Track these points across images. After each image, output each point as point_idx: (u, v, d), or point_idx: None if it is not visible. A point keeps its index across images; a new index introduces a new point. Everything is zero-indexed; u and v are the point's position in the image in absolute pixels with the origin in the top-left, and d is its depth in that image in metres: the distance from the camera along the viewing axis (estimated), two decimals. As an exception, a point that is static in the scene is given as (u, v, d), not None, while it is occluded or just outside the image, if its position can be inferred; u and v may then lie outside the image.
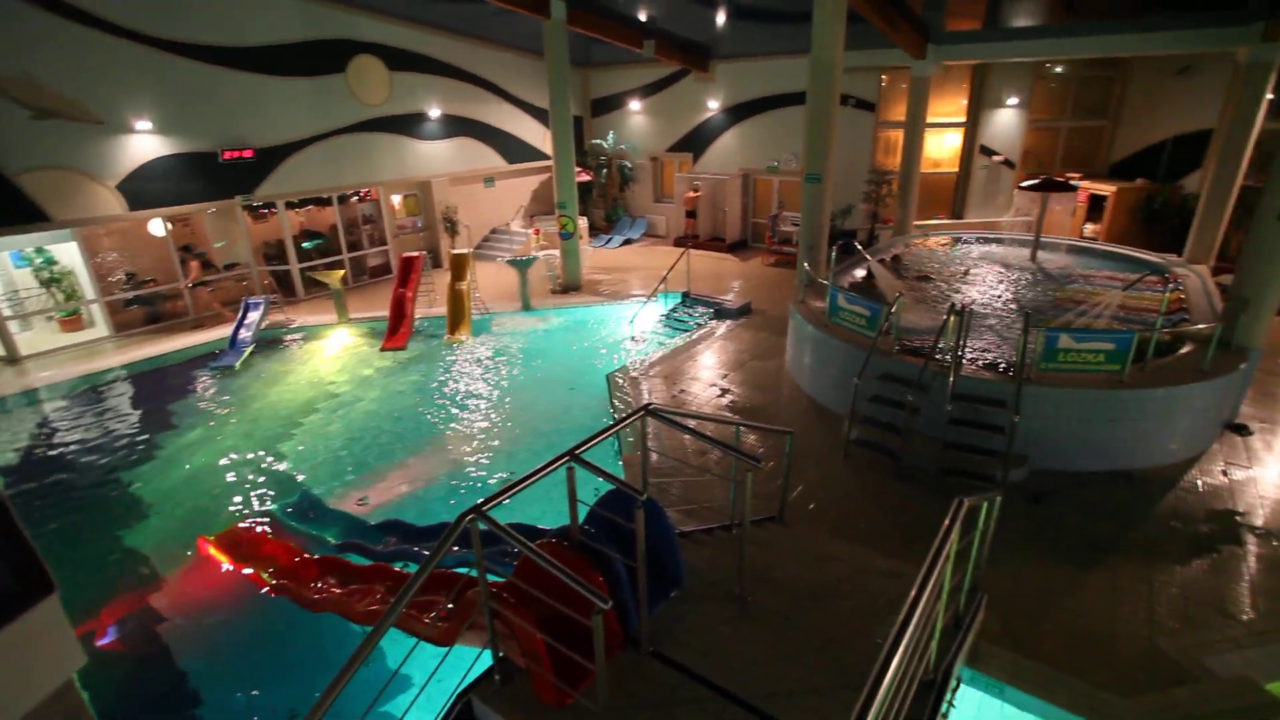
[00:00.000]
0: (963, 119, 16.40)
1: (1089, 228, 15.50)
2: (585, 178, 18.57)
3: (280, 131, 13.65)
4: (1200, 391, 7.03)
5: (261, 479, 8.16)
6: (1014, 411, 6.36)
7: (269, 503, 7.68)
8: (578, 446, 3.97)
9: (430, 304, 13.59)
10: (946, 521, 3.22)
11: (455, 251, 13.06)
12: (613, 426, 4.21)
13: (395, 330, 12.32)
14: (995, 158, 16.43)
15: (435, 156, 16.42)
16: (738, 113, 17.43)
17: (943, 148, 16.74)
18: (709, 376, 9.74)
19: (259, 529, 7.07)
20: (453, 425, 9.31)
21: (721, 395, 9.08)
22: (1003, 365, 7.55)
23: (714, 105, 17.68)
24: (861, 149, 16.06)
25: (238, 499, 7.77)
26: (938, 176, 16.75)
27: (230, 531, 6.95)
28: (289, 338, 12.67)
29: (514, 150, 18.23)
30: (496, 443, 8.72)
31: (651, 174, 19.51)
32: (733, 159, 17.73)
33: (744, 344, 10.94)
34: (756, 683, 3.60)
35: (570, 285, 14.33)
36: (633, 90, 18.96)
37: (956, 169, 16.76)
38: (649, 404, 4.53)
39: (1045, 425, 6.88)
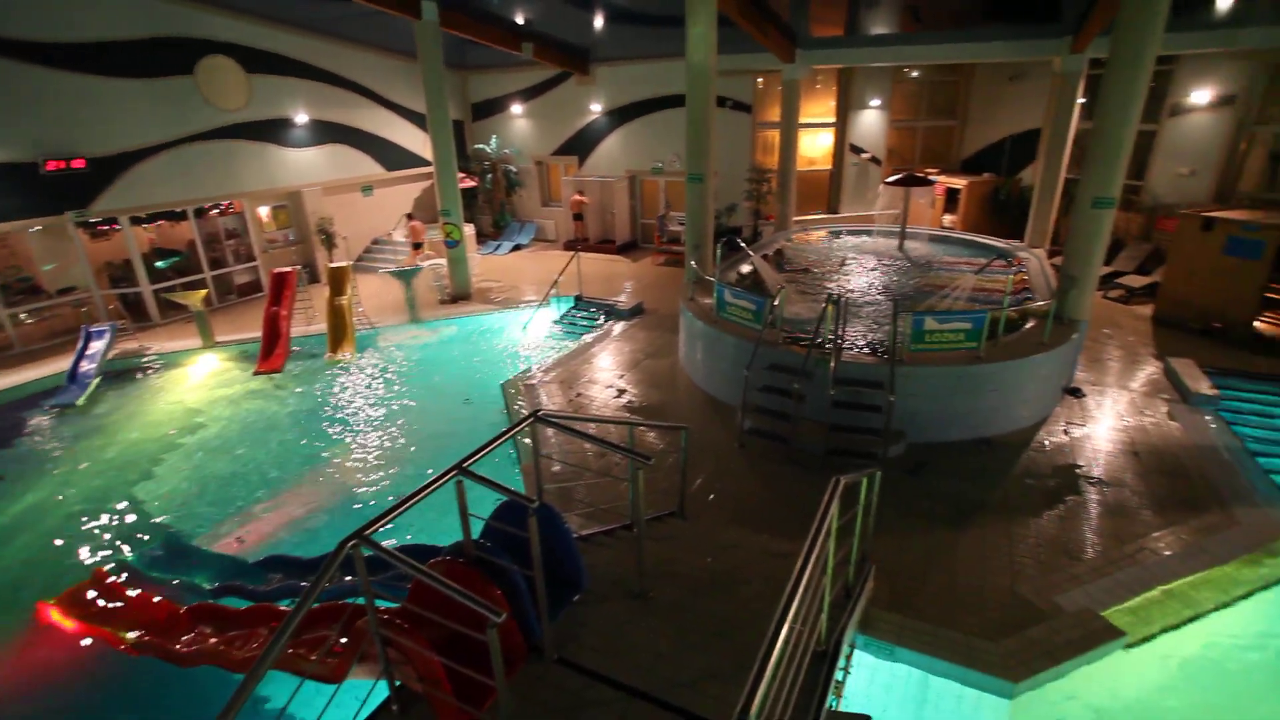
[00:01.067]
0: (833, 119, 17.43)
1: (947, 218, 16.96)
2: (469, 184, 18.12)
3: (119, 139, 12.33)
4: (1043, 361, 7.84)
5: (116, 527, 7.33)
6: (889, 391, 6.83)
7: (126, 553, 6.91)
8: (466, 459, 3.86)
9: (308, 322, 12.75)
10: (825, 500, 3.41)
11: (333, 265, 12.34)
12: (500, 436, 4.12)
13: (270, 352, 11.46)
14: (864, 155, 17.59)
15: (305, 165, 15.43)
16: (621, 115, 17.61)
17: (816, 146, 17.71)
18: (606, 378, 9.77)
19: (113, 583, 6.33)
20: (340, 448, 8.78)
21: (619, 396, 9.13)
22: (874, 348, 8.09)
23: (597, 108, 17.77)
24: (741, 149, 16.69)
25: (86, 552, 6.93)
26: (813, 174, 17.70)
27: (77, 590, 6.17)
28: (144, 367, 11.46)
29: (392, 157, 17.48)
30: (389, 463, 8.32)
31: (538, 178, 19.33)
32: (618, 161, 17.90)
33: (638, 344, 11.07)
34: (660, 675, 3.64)
35: (460, 294, 13.92)
36: (514, 93, 18.71)
37: (830, 166, 17.80)
38: (538, 410, 4.48)
39: (918, 402, 7.44)
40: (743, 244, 11.75)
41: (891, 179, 12.33)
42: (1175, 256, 11.36)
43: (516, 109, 18.76)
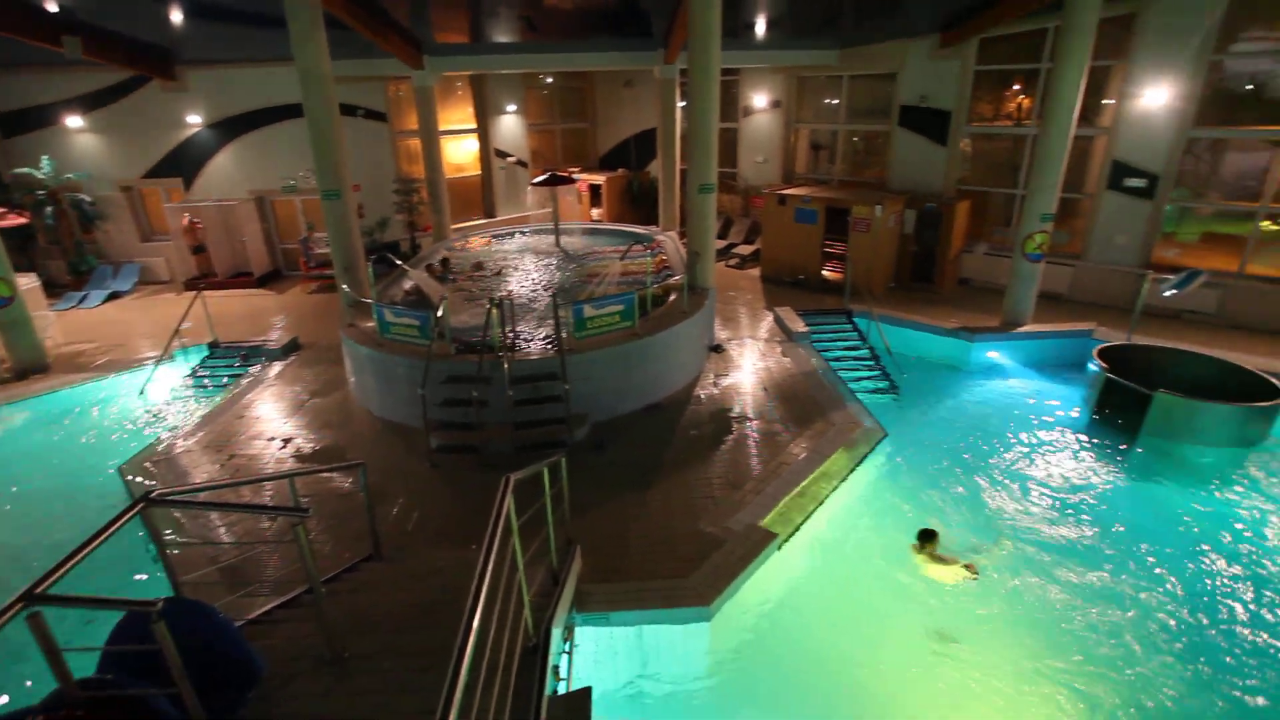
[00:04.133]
0: (474, 125, 17.61)
1: (595, 212, 18.55)
2: (17, 221, 13.77)
3: None
4: (688, 327, 9.08)
5: None
6: (564, 380, 7.19)
7: None
8: (39, 583, 2.91)
9: None
10: (497, 501, 3.41)
11: None
12: (94, 539, 3.21)
13: None
14: (510, 159, 18.17)
15: None
16: (232, 128, 15.20)
17: (463, 153, 17.73)
18: (267, 429, 8.44)
19: None
20: None
21: (285, 446, 7.97)
22: (546, 341, 8.46)
23: (197, 120, 15.02)
24: (383, 160, 15.83)
25: None
26: (464, 180, 17.70)
27: None
28: None
29: None
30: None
31: (130, 207, 15.64)
32: (238, 181, 15.43)
33: (301, 383, 9.79)
34: (369, 741, 3.28)
35: (31, 366, 10.51)
36: (69, 101, 14.73)
37: (479, 171, 17.99)
38: (150, 493, 3.61)
39: (592, 384, 7.98)
40: (396, 260, 11.18)
41: (538, 180, 12.96)
42: (766, 227, 14.20)
43: (76, 121, 14.81)
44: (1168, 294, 9.47)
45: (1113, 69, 11.57)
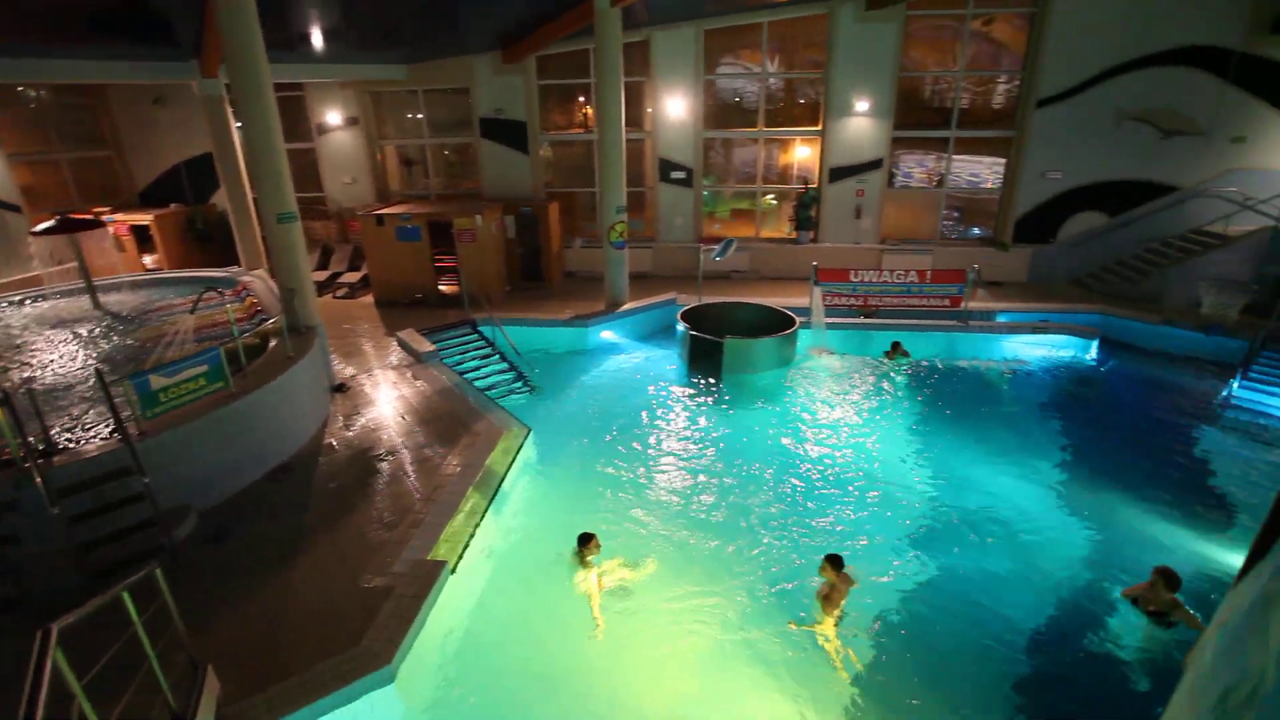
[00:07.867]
0: (-92, 162, 12.50)
1: (149, 259, 15.04)
2: None
3: None
4: (298, 373, 7.99)
5: None
6: (140, 473, 5.67)
7: None
8: None
9: None
10: (32, 665, 2.49)
11: None
12: None
13: None
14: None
15: None
16: None
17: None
18: None
19: None
20: None
21: None
22: (112, 431, 6.57)
23: None
24: None
25: None
26: (-87, 240, 12.50)
27: None
28: None
29: None
30: None
31: None
32: None
33: None
34: None
35: None
36: None
37: (-63, 226, 12.90)
38: None
39: (188, 466, 6.49)
40: None
41: (41, 228, 9.85)
42: (369, 250, 13.40)
43: None
44: (715, 259, 11.95)
45: (644, 84, 13.96)
